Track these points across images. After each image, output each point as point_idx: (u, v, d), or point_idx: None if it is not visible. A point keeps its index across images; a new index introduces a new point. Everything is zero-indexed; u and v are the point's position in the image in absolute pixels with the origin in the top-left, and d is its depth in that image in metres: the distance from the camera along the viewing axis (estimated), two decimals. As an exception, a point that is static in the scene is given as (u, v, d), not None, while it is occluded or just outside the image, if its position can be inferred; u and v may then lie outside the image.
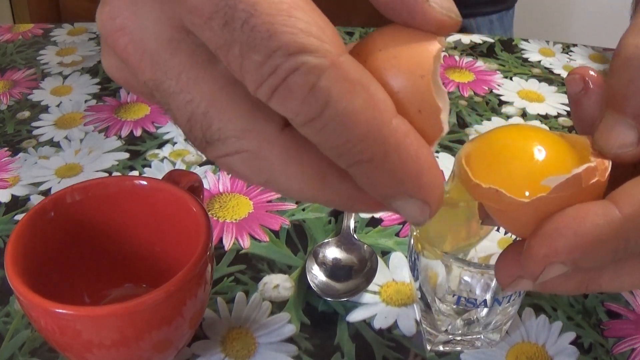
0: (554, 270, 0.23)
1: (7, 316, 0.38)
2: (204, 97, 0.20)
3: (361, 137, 0.19)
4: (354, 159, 0.19)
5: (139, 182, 0.36)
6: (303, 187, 0.20)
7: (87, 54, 0.68)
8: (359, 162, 0.19)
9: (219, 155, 0.20)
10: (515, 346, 0.37)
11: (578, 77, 0.27)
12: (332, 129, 0.18)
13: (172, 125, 0.56)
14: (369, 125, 0.19)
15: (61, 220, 0.34)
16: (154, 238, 0.37)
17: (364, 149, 0.19)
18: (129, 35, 0.20)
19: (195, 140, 0.20)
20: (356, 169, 0.19)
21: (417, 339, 0.37)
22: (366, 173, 0.19)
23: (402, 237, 0.44)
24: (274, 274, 0.41)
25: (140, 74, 0.20)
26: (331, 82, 0.18)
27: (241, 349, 0.36)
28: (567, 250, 0.22)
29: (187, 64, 0.20)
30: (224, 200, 0.47)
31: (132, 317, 0.29)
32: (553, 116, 0.59)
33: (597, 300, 0.40)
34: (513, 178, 0.24)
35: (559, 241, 0.22)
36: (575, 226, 0.22)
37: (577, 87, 0.27)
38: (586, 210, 0.22)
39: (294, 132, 0.20)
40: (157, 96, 0.21)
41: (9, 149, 0.52)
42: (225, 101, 0.20)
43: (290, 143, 0.20)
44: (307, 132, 0.19)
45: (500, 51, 0.70)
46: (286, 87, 0.18)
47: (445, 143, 0.54)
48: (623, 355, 0.37)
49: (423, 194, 0.20)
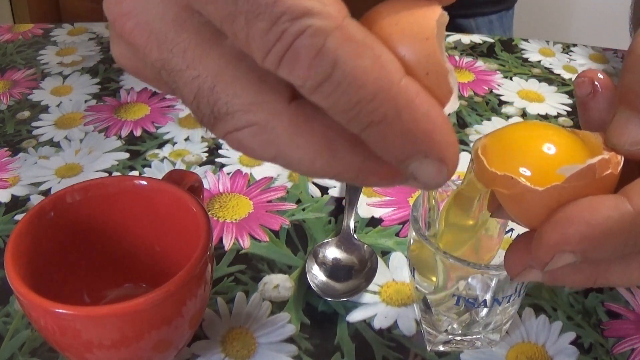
0: (563, 259, 0.23)
1: (7, 316, 0.38)
2: (210, 73, 0.20)
3: (371, 97, 0.19)
4: (366, 121, 0.19)
5: (139, 182, 0.36)
6: (313, 159, 0.20)
7: (87, 54, 0.68)
8: (371, 124, 0.19)
9: (227, 130, 0.20)
10: (515, 346, 0.37)
11: (587, 79, 0.27)
12: (342, 91, 0.18)
13: (172, 125, 0.56)
14: (379, 84, 0.19)
15: (61, 220, 0.34)
16: (154, 238, 0.37)
17: (375, 109, 0.19)
18: (135, 18, 0.20)
19: (204, 117, 0.21)
20: (369, 132, 0.19)
21: (417, 339, 0.37)
22: (380, 135, 0.19)
23: (402, 237, 0.44)
24: (274, 274, 0.41)
25: (147, 56, 0.21)
26: (337, 44, 0.18)
27: (241, 349, 0.36)
28: (577, 239, 0.22)
29: (193, 42, 0.20)
30: (224, 200, 0.47)
31: (132, 317, 0.29)
32: (553, 116, 0.59)
33: (597, 300, 0.40)
34: (528, 167, 0.24)
35: (571, 229, 0.22)
36: (587, 216, 0.22)
37: (585, 90, 0.27)
38: (599, 202, 0.23)
39: (302, 104, 0.20)
40: (164, 76, 0.21)
41: (9, 149, 0.52)
42: (231, 75, 0.20)
43: (299, 115, 0.20)
44: (317, 98, 0.19)
45: (500, 51, 0.70)
46: (293, 52, 0.18)
47: (445, 143, 0.54)
48: (623, 355, 0.37)
49: (439, 151, 0.20)
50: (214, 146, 0.53)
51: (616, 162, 0.24)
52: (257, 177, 0.50)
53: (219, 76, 0.20)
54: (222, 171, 0.50)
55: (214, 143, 0.54)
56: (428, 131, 0.19)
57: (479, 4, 0.82)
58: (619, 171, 0.24)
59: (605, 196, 0.23)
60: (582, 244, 0.22)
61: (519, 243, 0.25)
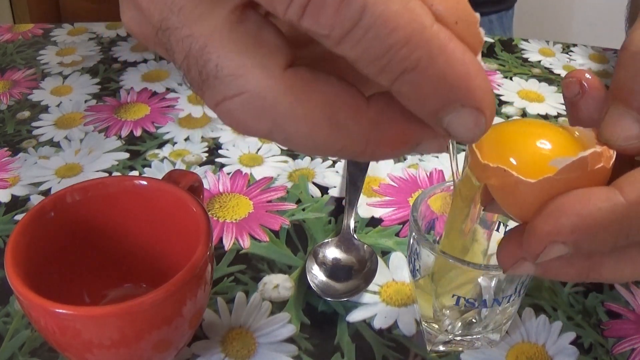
0: (555, 251, 0.23)
1: (7, 316, 0.38)
2: (203, 33, 0.19)
3: (405, 41, 0.17)
4: (399, 69, 0.18)
5: (139, 182, 0.36)
6: (313, 131, 0.19)
7: (87, 54, 0.68)
8: (404, 72, 0.18)
9: (217, 99, 0.19)
10: (515, 346, 0.37)
11: (574, 80, 0.27)
12: (372, 36, 0.17)
13: (172, 125, 0.56)
14: (412, 27, 0.17)
15: (61, 220, 0.34)
16: (154, 238, 0.37)
17: (408, 55, 0.18)
18: None
19: (193, 81, 0.20)
20: (401, 82, 0.18)
21: (417, 339, 0.37)
22: (413, 85, 0.18)
23: (402, 237, 0.44)
24: (274, 274, 0.41)
25: (151, 17, 0.20)
26: None
27: (241, 349, 0.36)
28: (569, 229, 0.22)
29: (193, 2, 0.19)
30: (224, 200, 0.47)
31: (132, 317, 0.29)
32: (553, 116, 0.59)
33: (597, 300, 0.40)
34: (521, 160, 0.24)
35: (562, 220, 0.22)
36: (579, 207, 0.22)
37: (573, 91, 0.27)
38: (591, 194, 0.23)
39: (299, 71, 0.19)
40: (163, 39, 0.20)
41: (9, 149, 0.52)
42: (225, 37, 0.19)
43: (296, 82, 0.19)
44: (345, 47, 0.18)
45: (500, 51, 0.70)
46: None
47: (445, 143, 0.54)
48: (623, 355, 0.37)
49: (476, 99, 0.19)
50: (214, 146, 0.53)
51: (608, 156, 0.24)
52: (257, 177, 0.50)
53: (212, 36, 0.19)
54: (222, 171, 0.50)
55: (214, 143, 0.54)
56: (464, 77, 0.18)
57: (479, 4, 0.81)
58: (611, 165, 0.24)
59: (597, 188, 0.23)
60: (573, 235, 0.22)
61: (511, 236, 0.25)
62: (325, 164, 0.51)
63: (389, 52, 0.18)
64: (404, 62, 0.18)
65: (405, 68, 0.18)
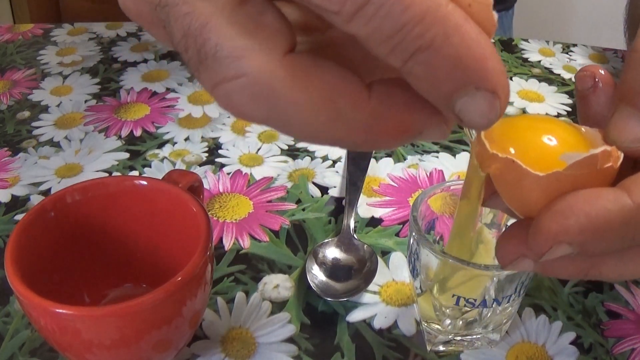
0: (560, 250, 0.23)
1: (7, 316, 0.38)
2: (204, 12, 0.18)
3: (419, 19, 0.17)
4: (412, 48, 0.17)
5: (139, 182, 0.36)
6: (313, 118, 0.19)
7: (87, 54, 0.68)
8: (417, 51, 0.17)
9: (215, 80, 0.19)
10: (515, 346, 0.37)
11: (588, 73, 0.27)
12: (385, 13, 0.17)
13: (172, 125, 0.56)
14: (426, 5, 0.17)
15: (61, 220, 0.34)
16: (154, 238, 0.37)
17: (422, 33, 0.17)
18: None
19: (190, 60, 0.19)
20: (414, 62, 0.18)
21: (417, 339, 0.37)
22: (426, 65, 0.18)
23: (402, 237, 0.44)
24: (274, 274, 0.41)
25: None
26: None
27: (241, 349, 0.36)
28: (577, 230, 0.22)
29: None
30: (224, 200, 0.47)
31: (132, 317, 0.29)
32: (553, 116, 0.59)
33: (597, 300, 0.40)
34: (529, 154, 0.24)
35: (570, 220, 0.22)
36: (588, 208, 0.22)
37: (587, 84, 0.27)
38: (599, 194, 0.22)
39: (299, 56, 0.18)
40: (161, 15, 0.19)
41: (9, 149, 0.52)
42: (227, 17, 0.18)
43: (296, 66, 0.18)
44: (356, 25, 0.17)
45: (500, 51, 0.70)
46: None
47: (445, 143, 0.54)
48: (623, 355, 0.37)
49: (491, 81, 0.18)
50: (214, 146, 0.53)
51: (616, 157, 0.24)
52: (257, 177, 0.50)
53: (213, 15, 0.18)
54: (222, 171, 0.50)
55: (214, 143, 0.54)
56: (480, 58, 0.18)
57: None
58: (618, 166, 0.24)
59: (605, 189, 0.23)
60: (581, 236, 0.22)
61: (511, 232, 0.25)
62: (325, 164, 0.51)
63: (403, 29, 0.17)
64: (418, 40, 0.17)
65: (419, 47, 0.17)
